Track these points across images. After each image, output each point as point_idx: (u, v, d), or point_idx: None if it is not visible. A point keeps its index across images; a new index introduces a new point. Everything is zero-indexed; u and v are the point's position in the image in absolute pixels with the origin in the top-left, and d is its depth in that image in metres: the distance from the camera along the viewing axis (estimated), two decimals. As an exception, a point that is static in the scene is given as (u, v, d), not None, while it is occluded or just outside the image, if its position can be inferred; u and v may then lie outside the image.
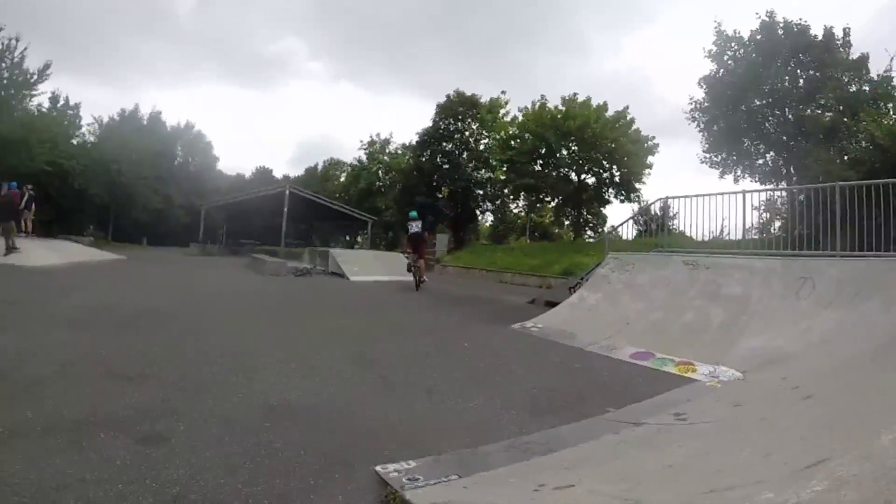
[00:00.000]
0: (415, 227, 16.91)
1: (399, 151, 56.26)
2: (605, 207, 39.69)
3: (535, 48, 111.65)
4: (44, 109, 39.72)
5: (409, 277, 19.14)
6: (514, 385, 5.60)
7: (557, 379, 5.98)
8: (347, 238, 47.77)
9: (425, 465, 3.19)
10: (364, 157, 60.13)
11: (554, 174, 35.95)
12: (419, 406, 4.71)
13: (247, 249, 37.96)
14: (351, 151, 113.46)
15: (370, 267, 20.39)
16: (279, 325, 8.83)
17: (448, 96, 44.72)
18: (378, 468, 3.12)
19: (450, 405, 4.73)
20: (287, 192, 34.48)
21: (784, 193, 18.75)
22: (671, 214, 15.84)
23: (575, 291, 11.17)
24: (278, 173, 75.52)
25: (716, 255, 9.56)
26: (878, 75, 24.83)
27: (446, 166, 43.91)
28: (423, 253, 17.21)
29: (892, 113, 23.16)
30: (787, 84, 26.13)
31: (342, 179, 66.70)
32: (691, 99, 29.62)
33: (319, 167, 72.95)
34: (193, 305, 10.61)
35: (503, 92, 44.48)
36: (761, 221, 20.41)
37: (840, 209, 8.83)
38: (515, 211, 50.02)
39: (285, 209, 33.72)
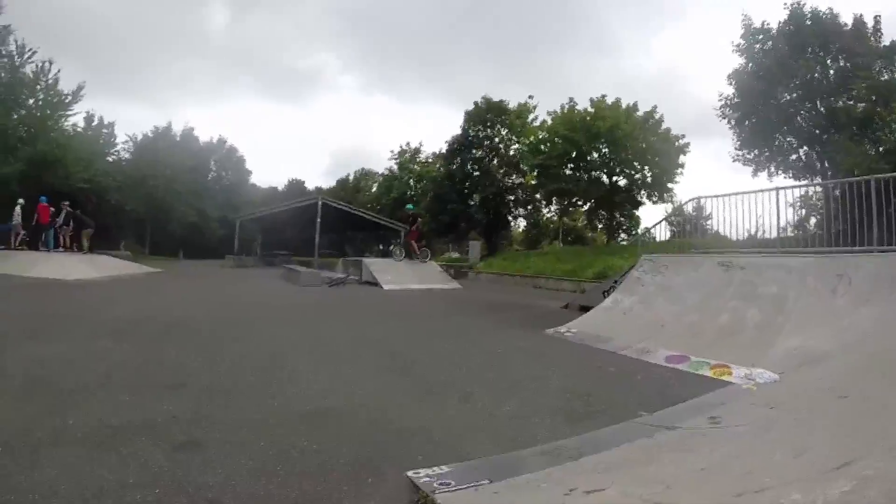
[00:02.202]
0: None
1: (430, 160, 56.49)
2: (637, 209, 39.33)
3: (564, 51, 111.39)
4: (79, 129, 40.78)
5: (445, 286, 19.49)
6: (547, 390, 5.59)
7: (591, 383, 5.94)
8: (381, 247, 47.97)
9: (457, 471, 3.20)
10: (395, 167, 60.51)
11: (585, 177, 35.69)
12: (452, 411, 4.72)
13: (281, 261, 38.31)
14: (384, 161, 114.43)
15: (403, 276, 20.46)
16: (313, 334, 8.92)
17: (476, 103, 44.75)
18: (410, 473, 3.14)
19: (483, 411, 4.74)
20: (319, 203, 34.80)
21: (819, 189, 18.46)
22: (705, 215, 15.67)
23: (608, 295, 11.09)
24: (311, 185, 76.11)
25: (751, 254, 9.42)
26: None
27: (477, 173, 43.94)
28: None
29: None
30: (817, 75, 25.66)
31: (374, 190, 67.09)
32: (721, 95, 29.29)
33: (351, 178, 73.50)
34: (228, 316, 10.76)
35: (531, 97, 44.61)
36: (797, 218, 20.11)
37: (877, 202, 8.68)
38: (548, 215, 49.83)
39: (318, 220, 34.01)
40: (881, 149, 22.53)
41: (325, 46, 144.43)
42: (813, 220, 21.01)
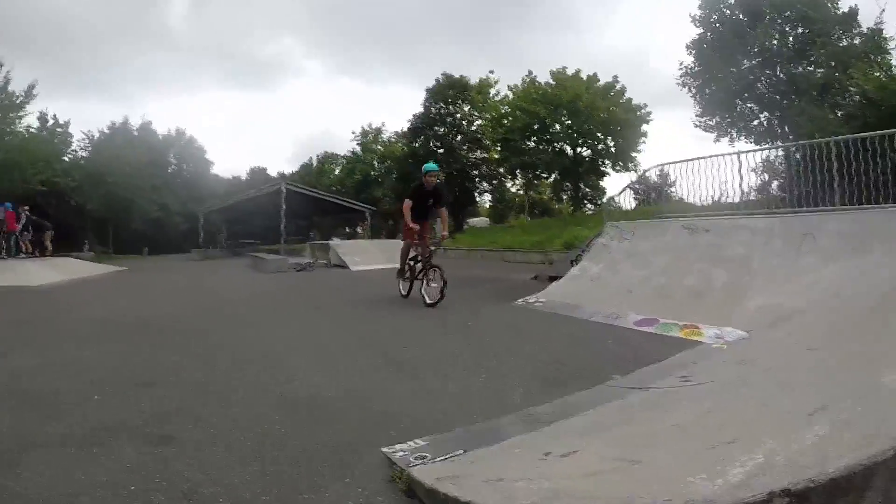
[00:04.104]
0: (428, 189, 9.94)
1: (392, 140, 56.20)
2: (602, 179, 39.60)
3: (528, 26, 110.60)
4: (33, 130, 39.77)
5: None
6: (520, 360, 5.59)
7: (563, 351, 5.97)
8: (348, 230, 47.68)
9: (433, 443, 3.20)
10: (357, 149, 60.11)
11: (549, 149, 35.78)
12: (428, 386, 4.70)
13: (248, 250, 37.98)
14: (348, 144, 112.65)
15: (371, 256, 20.45)
16: (283, 320, 8.86)
17: (437, 80, 44.57)
18: (385, 449, 3.13)
19: (458, 383, 4.73)
20: (283, 188, 34.43)
21: (781, 152, 18.74)
22: (670, 181, 15.84)
23: (576, 264, 11.16)
24: (277, 171, 74.99)
25: (715, 217, 9.54)
26: (868, 28, 24.72)
27: (440, 150, 43.78)
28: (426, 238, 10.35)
29: (882, 66, 23.01)
30: (776, 43, 25.97)
31: (337, 172, 66.56)
32: (681, 65, 29.56)
33: (314, 162, 72.74)
34: (197, 309, 10.63)
35: (492, 71, 44.44)
36: (760, 182, 20.45)
37: (837, 164, 8.87)
38: (513, 189, 49.99)
39: (282, 206, 33.70)
40: (840, 113, 22.91)
41: (290, 31, 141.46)
42: (776, 184, 21.29)
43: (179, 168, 61.18)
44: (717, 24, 27.65)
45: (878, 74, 21.51)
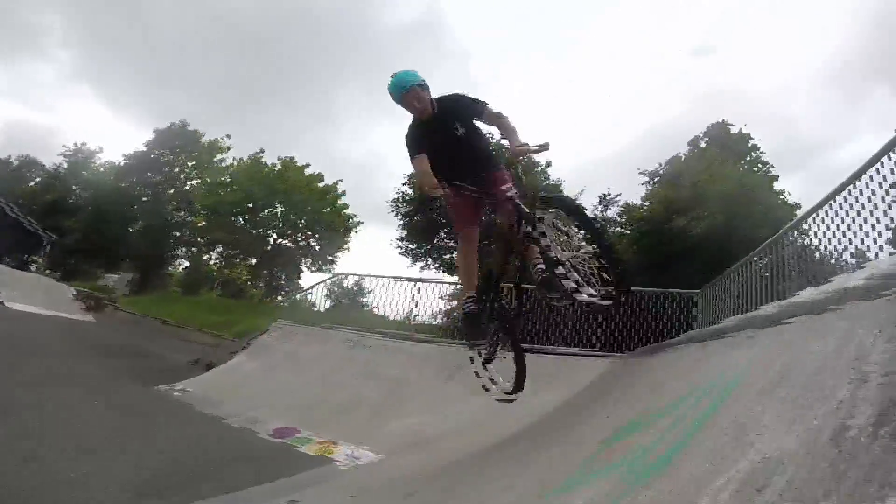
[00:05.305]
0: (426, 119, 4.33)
1: (105, 170, 50.60)
2: (298, 275, 39.40)
3: (291, 112, 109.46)
4: None
5: (74, 316, 17.14)
6: (130, 457, 4.98)
7: (182, 452, 5.45)
8: (26, 257, 40.87)
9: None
10: (63, 165, 53.09)
11: (254, 232, 35.10)
12: (11, 480, 3.91)
13: None
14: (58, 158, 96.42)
15: (30, 295, 17.65)
16: None
17: (170, 124, 41.75)
18: None
19: (50, 478, 4.04)
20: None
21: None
22: (364, 291, 16.37)
23: (235, 356, 10.73)
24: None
25: (378, 336, 9.91)
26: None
27: (147, 199, 40.48)
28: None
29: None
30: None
31: (33, 184, 57.58)
32: (395, 191, 31.51)
33: (13, 162, 62.46)
34: None
35: (227, 136, 42.43)
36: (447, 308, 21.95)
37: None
38: (210, 262, 47.52)
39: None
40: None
41: (61, 7, 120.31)
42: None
43: None
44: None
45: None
